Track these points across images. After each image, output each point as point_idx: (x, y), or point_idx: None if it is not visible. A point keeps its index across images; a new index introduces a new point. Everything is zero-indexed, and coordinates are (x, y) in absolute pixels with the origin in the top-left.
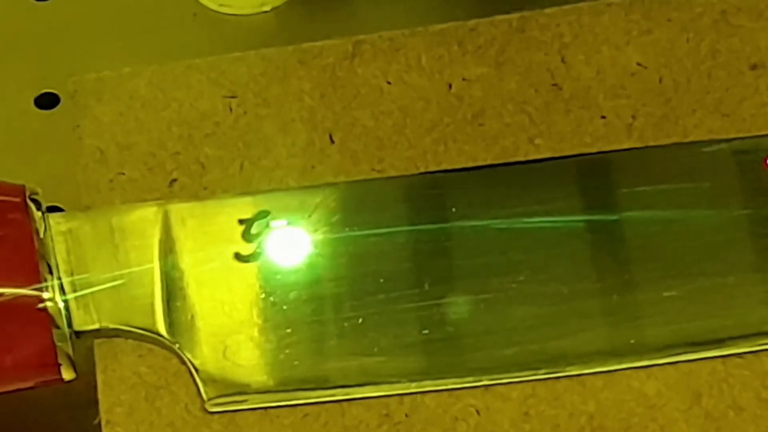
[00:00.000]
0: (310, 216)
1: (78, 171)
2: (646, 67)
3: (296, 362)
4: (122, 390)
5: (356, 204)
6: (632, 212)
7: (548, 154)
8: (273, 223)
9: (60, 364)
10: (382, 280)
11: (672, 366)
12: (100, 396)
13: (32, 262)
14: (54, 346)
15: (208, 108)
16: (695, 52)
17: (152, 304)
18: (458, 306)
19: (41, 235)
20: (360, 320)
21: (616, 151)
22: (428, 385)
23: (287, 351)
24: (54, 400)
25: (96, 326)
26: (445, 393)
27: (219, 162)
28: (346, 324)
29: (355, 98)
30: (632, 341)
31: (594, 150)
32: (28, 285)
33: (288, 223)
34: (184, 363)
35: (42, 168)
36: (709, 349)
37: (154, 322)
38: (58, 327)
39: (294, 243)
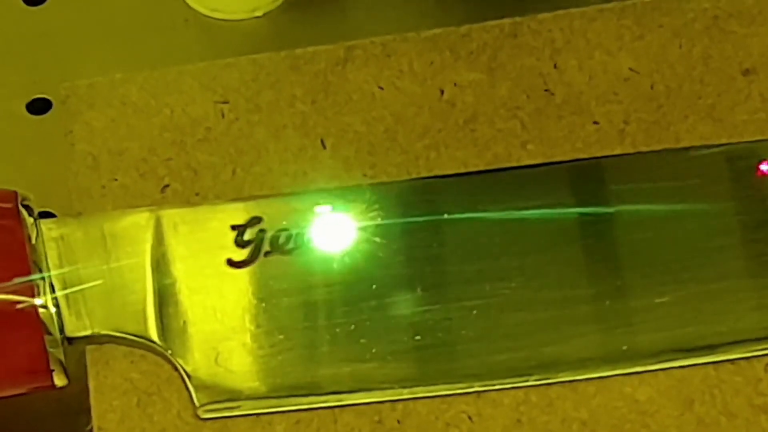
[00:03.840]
0: (302, 222)
1: (70, 177)
2: (638, 73)
3: (288, 368)
4: (114, 396)
5: (348, 210)
6: (624, 218)
7: (540, 160)
8: (265, 229)
9: (52, 370)
10: (374, 286)
11: (664, 372)
12: (92, 402)
13: (24, 268)
14: (46, 352)
15: (200, 114)
16: (687, 57)
17: (144, 310)
18: (450, 312)
19: (33, 241)
20: (352, 326)
21: (608, 157)
22: (420, 392)
23: (279, 357)
24: (46, 406)
25: (88, 332)
26: (438, 399)
27: (211, 168)
28: (338, 330)
29: (346, 104)
30: (625, 347)
31: (586, 156)
32: (20, 291)
33: (280, 229)
34: (176, 369)
35: (34, 174)
36: (701, 356)
37: (146, 328)
38: (50, 333)
39: (286, 249)
